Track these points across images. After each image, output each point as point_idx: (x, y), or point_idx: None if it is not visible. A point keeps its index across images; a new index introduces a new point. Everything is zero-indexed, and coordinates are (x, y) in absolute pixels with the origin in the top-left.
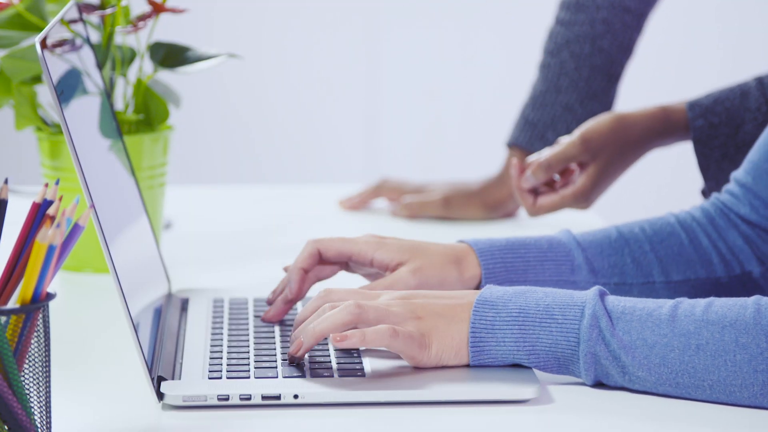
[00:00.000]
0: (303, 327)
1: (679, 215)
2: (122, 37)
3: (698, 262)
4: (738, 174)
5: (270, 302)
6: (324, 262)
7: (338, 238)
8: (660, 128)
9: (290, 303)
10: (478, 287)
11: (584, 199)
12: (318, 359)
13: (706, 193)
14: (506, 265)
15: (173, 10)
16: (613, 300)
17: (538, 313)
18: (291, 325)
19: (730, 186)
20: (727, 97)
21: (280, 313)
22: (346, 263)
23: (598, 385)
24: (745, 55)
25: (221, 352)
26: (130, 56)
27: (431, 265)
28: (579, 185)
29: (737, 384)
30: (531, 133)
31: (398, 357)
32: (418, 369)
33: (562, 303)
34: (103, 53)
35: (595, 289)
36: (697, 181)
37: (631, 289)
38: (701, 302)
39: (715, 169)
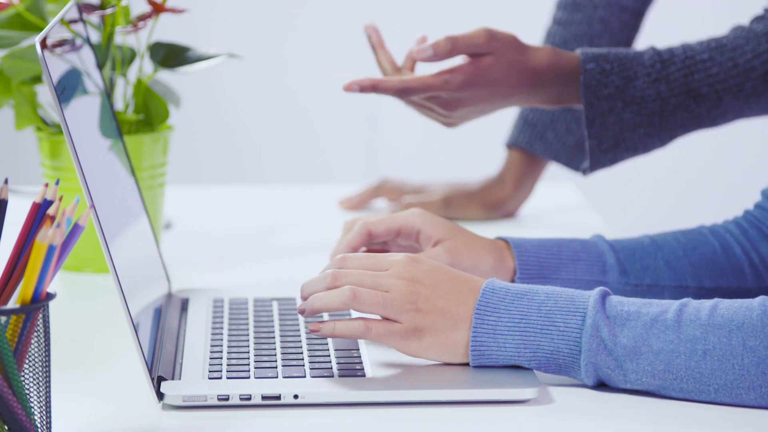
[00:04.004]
0: (308, 292)
1: (711, 227)
2: (122, 37)
3: (730, 271)
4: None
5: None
6: (370, 242)
7: (384, 216)
8: (552, 66)
9: None
10: (511, 281)
11: (456, 87)
12: (318, 359)
13: (586, 169)
14: (540, 262)
15: (173, 10)
16: (616, 304)
17: (539, 320)
18: (291, 325)
19: (762, 201)
20: (621, 50)
21: None
22: (386, 243)
23: (599, 385)
24: None
25: (221, 352)
26: (130, 56)
27: (468, 248)
28: (458, 67)
29: (744, 386)
30: (530, 132)
31: (398, 357)
32: (418, 369)
33: (563, 309)
34: (103, 53)
35: (596, 294)
36: (696, 181)
37: (663, 292)
38: (706, 305)
39: (599, 124)
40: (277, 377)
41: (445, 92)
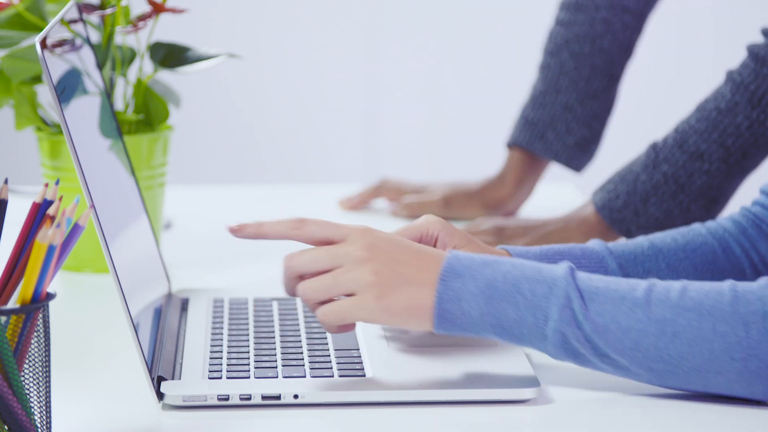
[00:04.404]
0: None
1: (709, 226)
2: (122, 37)
3: (731, 270)
4: (766, 186)
5: None
6: None
7: (403, 227)
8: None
9: None
10: None
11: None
12: (318, 359)
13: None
14: None
15: (173, 10)
16: (584, 279)
17: (505, 288)
18: (291, 325)
19: (760, 198)
20: (618, 173)
21: None
22: None
23: (598, 384)
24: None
25: (221, 352)
26: (130, 56)
27: None
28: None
29: (712, 371)
30: (531, 132)
31: (398, 357)
32: (418, 369)
33: (530, 278)
34: (103, 53)
35: (566, 266)
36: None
37: None
38: (675, 286)
39: (642, 225)
40: (277, 377)
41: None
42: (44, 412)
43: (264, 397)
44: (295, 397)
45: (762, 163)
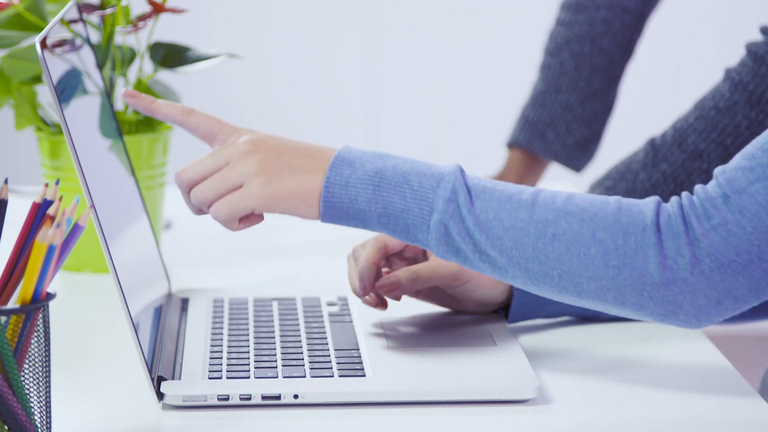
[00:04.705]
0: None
1: None
2: (122, 37)
3: None
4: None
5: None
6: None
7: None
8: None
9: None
10: (508, 299)
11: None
12: (318, 359)
13: None
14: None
15: (173, 10)
16: (473, 177)
17: (394, 177)
18: (291, 325)
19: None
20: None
21: (379, 302)
22: (389, 259)
23: (598, 384)
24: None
25: (221, 352)
26: (130, 56)
27: None
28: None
29: (586, 276)
30: (531, 132)
31: (398, 357)
32: (418, 369)
33: (419, 171)
34: (103, 53)
35: (455, 165)
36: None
37: None
38: (563, 193)
39: None
40: (277, 377)
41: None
42: (44, 412)
43: (264, 397)
44: (295, 397)
45: None
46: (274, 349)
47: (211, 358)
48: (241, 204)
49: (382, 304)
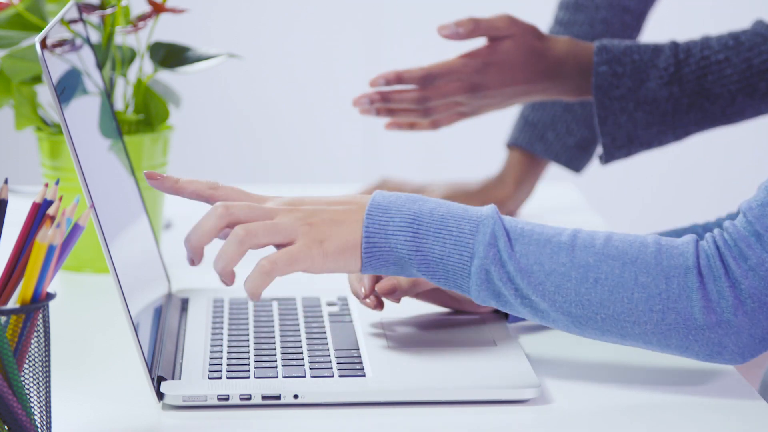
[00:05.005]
0: (197, 242)
1: (706, 225)
2: (122, 37)
3: None
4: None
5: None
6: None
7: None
8: (571, 56)
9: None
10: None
11: (475, 69)
12: (318, 359)
13: (602, 158)
14: None
15: (173, 10)
16: (510, 220)
17: (432, 223)
18: (291, 325)
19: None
20: (637, 50)
21: (378, 304)
22: None
23: (599, 384)
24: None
25: (221, 352)
26: (130, 56)
27: None
28: (476, 50)
29: (630, 321)
30: (531, 133)
31: (398, 357)
32: (418, 369)
33: (456, 215)
34: (103, 53)
35: (491, 207)
36: (695, 179)
37: None
38: (600, 234)
39: (612, 123)
40: (277, 377)
41: (464, 75)
42: (44, 412)
43: (264, 397)
44: (295, 397)
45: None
46: (274, 349)
47: (211, 358)
48: (299, 258)
49: (380, 306)
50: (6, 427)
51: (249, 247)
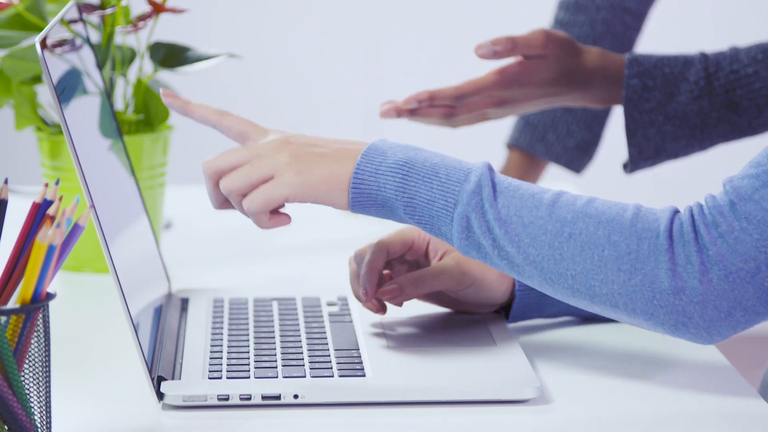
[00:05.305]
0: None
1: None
2: (122, 37)
3: None
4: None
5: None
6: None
7: (394, 233)
8: (601, 69)
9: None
10: (509, 300)
11: (506, 85)
12: (318, 359)
13: (627, 167)
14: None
15: (173, 10)
16: (500, 175)
17: (423, 168)
18: (291, 325)
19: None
20: (668, 63)
21: (381, 307)
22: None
23: (598, 384)
24: None
25: (221, 352)
26: (130, 56)
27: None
28: (508, 67)
29: (599, 279)
30: (532, 134)
31: (398, 357)
32: (418, 369)
33: (449, 165)
34: (103, 53)
35: (484, 162)
36: (694, 176)
37: None
38: (584, 196)
39: (641, 135)
40: (277, 377)
41: (495, 92)
42: (44, 412)
43: (264, 397)
44: (295, 397)
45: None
46: (274, 349)
47: (211, 358)
48: (275, 193)
49: (382, 309)
50: (6, 427)
51: (234, 198)
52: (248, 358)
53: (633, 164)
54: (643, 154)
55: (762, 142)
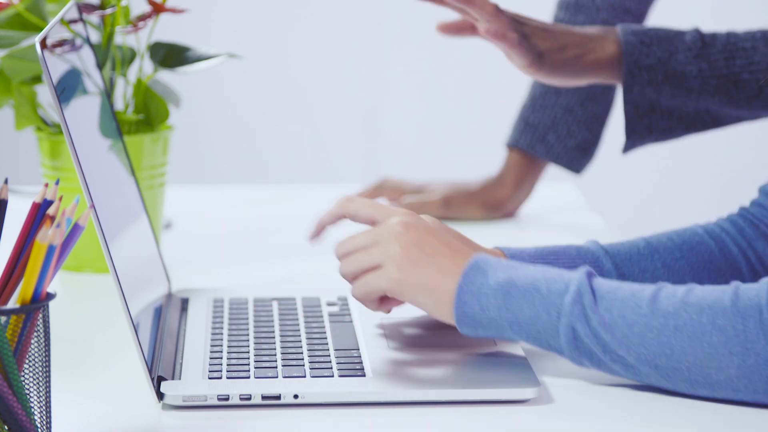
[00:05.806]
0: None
1: (706, 226)
2: (122, 37)
3: (728, 270)
4: (766, 186)
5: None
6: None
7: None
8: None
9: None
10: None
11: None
12: (318, 359)
13: (624, 145)
14: None
15: (173, 10)
16: (599, 279)
17: (524, 285)
18: (291, 325)
19: (759, 198)
20: (661, 29)
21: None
22: None
23: (599, 384)
24: None
25: (221, 352)
26: (130, 56)
27: None
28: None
29: (714, 366)
30: (532, 135)
31: (398, 357)
32: (418, 369)
33: (549, 278)
34: (103, 53)
35: (583, 268)
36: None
37: None
38: (683, 286)
39: (637, 92)
40: (277, 377)
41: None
42: (44, 412)
43: (264, 397)
44: (295, 397)
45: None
46: (274, 349)
47: (211, 358)
48: (373, 284)
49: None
50: (6, 427)
51: (347, 280)
52: (248, 358)
53: (628, 125)
54: (638, 109)
55: (735, 132)
